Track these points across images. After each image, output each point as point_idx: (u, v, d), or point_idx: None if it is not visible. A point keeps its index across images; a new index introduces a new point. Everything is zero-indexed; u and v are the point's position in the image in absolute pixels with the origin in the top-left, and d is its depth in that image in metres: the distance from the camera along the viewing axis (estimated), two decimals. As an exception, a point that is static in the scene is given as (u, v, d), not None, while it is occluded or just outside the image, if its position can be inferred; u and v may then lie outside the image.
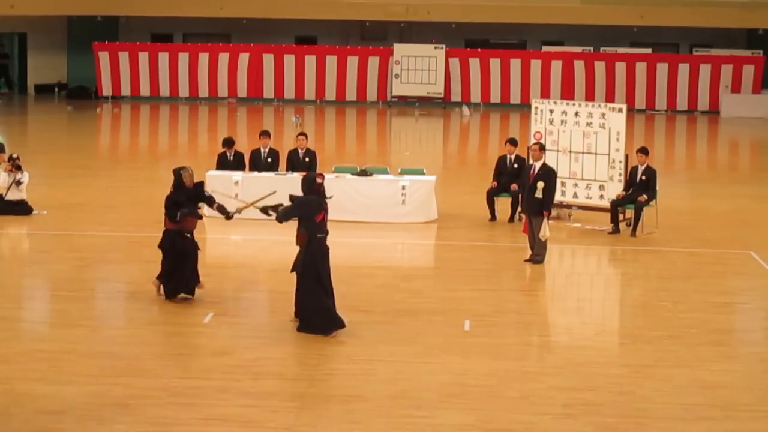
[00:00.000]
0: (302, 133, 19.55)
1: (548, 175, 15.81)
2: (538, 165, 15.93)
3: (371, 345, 11.82)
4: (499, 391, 10.49)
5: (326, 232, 12.35)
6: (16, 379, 10.57)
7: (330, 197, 12.68)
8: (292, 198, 12.67)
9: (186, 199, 13.31)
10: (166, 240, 13.32)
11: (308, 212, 12.23)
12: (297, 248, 12.37)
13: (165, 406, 9.90)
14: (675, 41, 44.45)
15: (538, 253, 15.73)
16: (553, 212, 19.13)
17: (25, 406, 9.83)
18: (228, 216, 13.87)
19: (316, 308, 12.15)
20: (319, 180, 12.44)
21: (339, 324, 12.18)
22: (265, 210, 13.00)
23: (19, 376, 10.64)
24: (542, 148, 16.20)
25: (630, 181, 18.22)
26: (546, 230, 15.54)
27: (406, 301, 13.67)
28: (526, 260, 15.89)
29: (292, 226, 17.42)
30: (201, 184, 13.89)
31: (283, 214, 12.39)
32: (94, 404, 9.89)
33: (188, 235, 13.30)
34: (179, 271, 13.24)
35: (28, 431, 9.36)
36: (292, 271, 12.42)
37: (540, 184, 15.65)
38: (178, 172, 13.36)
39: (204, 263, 16.00)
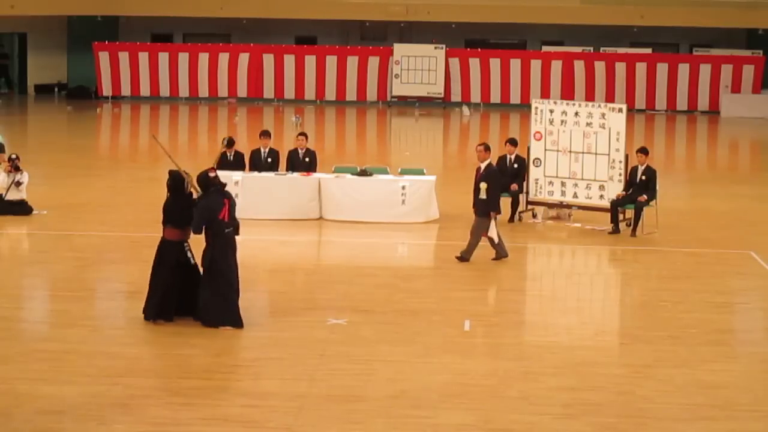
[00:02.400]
0: (302, 133, 19.55)
1: (490, 175, 15.79)
2: (483, 166, 15.90)
3: (371, 345, 11.82)
4: (499, 391, 10.48)
5: (232, 226, 12.37)
6: (16, 379, 10.56)
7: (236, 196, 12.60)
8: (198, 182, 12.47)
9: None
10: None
11: (210, 215, 12.22)
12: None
13: (165, 406, 9.89)
14: (675, 41, 44.47)
15: (500, 253, 15.67)
16: (554, 212, 19.19)
17: (25, 406, 9.82)
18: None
19: (212, 296, 12.16)
20: (212, 174, 12.41)
21: (236, 322, 12.21)
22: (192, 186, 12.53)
23: (20, 376, 10.63)
24: (487, 148, 16.11)
25: (630, 181, 18.22)
26: (494, 231, 15.53)
27: (406, 301, 13.66)
28: (493, 259, 15.85)
29: (292, 227, 17.52)
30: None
31: (195, 226, 12.26)
32: (94, 404, 9.88)
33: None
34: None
35: (28, 431, 9.36)
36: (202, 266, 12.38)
37: (483, 185, 15.64)
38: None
39: (204, 263, 16.06)
